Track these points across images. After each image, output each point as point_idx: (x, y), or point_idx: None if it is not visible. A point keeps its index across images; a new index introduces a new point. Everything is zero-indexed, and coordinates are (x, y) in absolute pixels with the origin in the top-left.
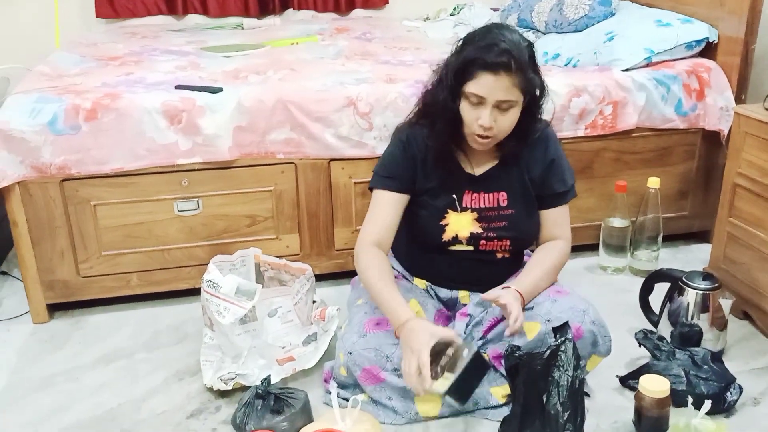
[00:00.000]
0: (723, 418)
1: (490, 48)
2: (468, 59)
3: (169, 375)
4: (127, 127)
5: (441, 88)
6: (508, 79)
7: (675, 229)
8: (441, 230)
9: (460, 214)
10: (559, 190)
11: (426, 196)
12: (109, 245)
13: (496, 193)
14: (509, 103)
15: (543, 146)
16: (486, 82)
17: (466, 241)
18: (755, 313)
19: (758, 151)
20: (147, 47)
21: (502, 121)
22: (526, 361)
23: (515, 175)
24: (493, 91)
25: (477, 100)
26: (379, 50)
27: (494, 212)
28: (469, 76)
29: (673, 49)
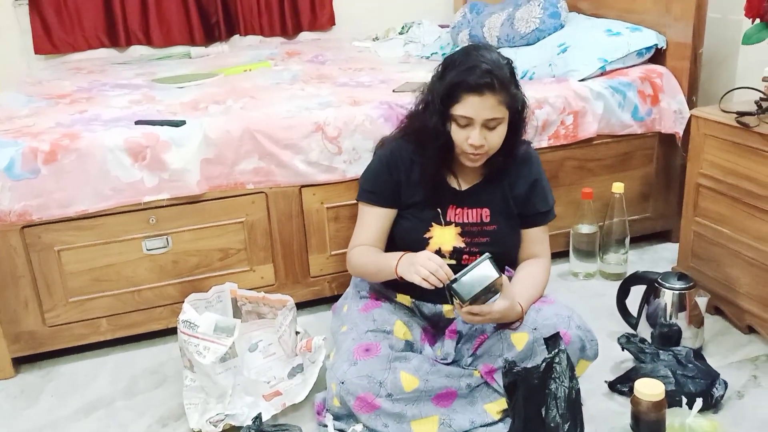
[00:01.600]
0: (712, 414)
1: (472, 70)
2: (452, 83)
3: (153, 421)
4: (89, 167)
5: (429, 113)
6: (493, 98)
7: (639, 231)
8: (425, 243)
9: (444, 228)
10: (541, 209)
11: (411, 210)
12: (76, 291)
13: (480, 209)
14: (497, 121)
15: (528, 166)
16: (472, 103)
17: (450, 255)
18: (727, 308)
19: (718, 151)
20: (95, 82)
21: (491, 138)
22: (524, 376)
23: (499, 192)
24: (480, 112)
25: (465, 121)
26: (335, 72)
27: (477, 227)
28: (455, 99)
29: (625, 57)
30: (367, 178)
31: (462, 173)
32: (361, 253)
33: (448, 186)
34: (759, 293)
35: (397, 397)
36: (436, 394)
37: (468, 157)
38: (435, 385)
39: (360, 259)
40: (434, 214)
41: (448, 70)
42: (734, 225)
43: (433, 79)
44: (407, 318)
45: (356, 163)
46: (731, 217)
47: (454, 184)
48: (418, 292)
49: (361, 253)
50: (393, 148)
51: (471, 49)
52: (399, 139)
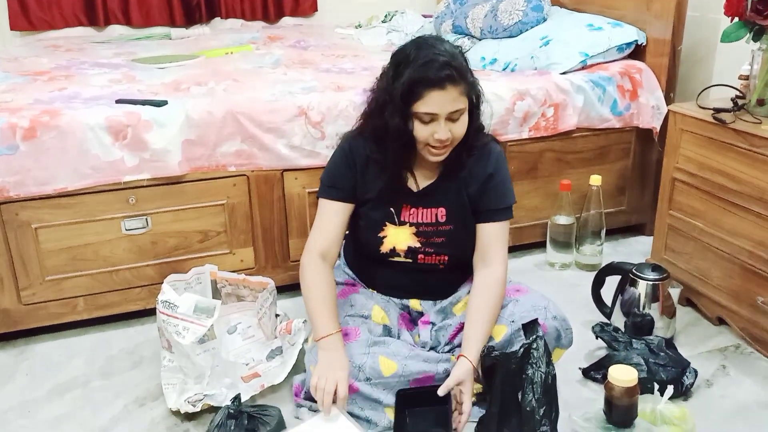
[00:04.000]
0: (682, 402)
1: (429, 65)
2: (412, 81)
3: (130, 401)
4: (69, 145)
5: (389, 113)
6: (455, 90)
7: (614, 224)
8: (379, 242)
9: (398, 228)
10: (494, 206)
11: (365, 208)
12: (53, 269)
13: (435, 208)
14: (459, 112)
15: (484, 161)
16: (434, 99)
17: (404, 254)
18: (698, 300)
19: (694, 146)
20: (74, 60)
21: (456, 129)
22: (503, 360)
23: (454, 191)
24: (444, 105)
25: (429, 117)
26: (317, 58)
27: (432, 228)
28: (416, 96)
29: (606, 51)
30: (327, 172)
31: (421, 171)
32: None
33: (404, 185)
34: (729, 286)
35: (375, 382)
36: (414, 379)
37: (432, 152)
38: (413, 370)
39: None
40: (388, 213)
41: (402, 67)
42: (707, 219)
43: (386, 77)
44: (384, 303)
45: None
46: (705, 211)
47: (410, 183)
48: (383, 289)
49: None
50: (350, 143)
51: (421, 42)
52: (357, 136)
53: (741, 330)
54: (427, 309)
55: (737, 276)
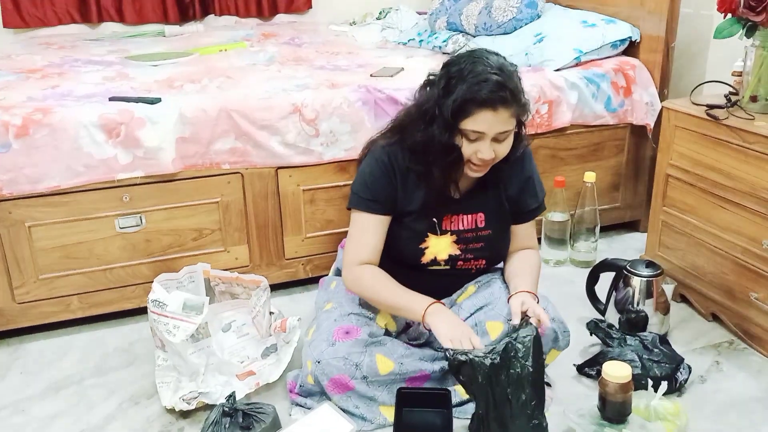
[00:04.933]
0: (676, 398)
1: (484, 84)
2: (464, 99)
3: (124, 399)
4: (62, 142)
5: (438, 126)
6: (506, 112)
7: (608, 220)
8: (420, 253)
9: (439, 238)
10: (533, 206)
11: (408, 219)
12: (47, 268)
13: (475, 214)
14: (507, 133)
15: (521, 164)
16: (485, 118)
17: (444, 262)
18: (692, 296)
19: (688, 143)
20: (67, 58)
21: (499, 149)
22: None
23: (492, 194)
24: (493, 126)
25: (476, 136)
26: (311, 55)
27: (472, 233)
28: (466, 114)
29: (600, 48)
30: (363, 184)
31: (461, 182)
32: (376, 280)
33: (443, 194)
34: (723, 282)
35: (372, 380)
36: (410, 377)
37: (472, 168)
38: (409, 368)
39: (375, 286)
40: (430, 224)
41: (454, 82)
42: (701, 215)
43: (436, 89)
44: None
45: (333, 146)
46: (698, 207)
47: (451, 192)
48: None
49: (377, 281)
50: (389, 153)
51: (477, 56)
52: (393, 145)
53: (734, 326)
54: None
55: (730, 272)
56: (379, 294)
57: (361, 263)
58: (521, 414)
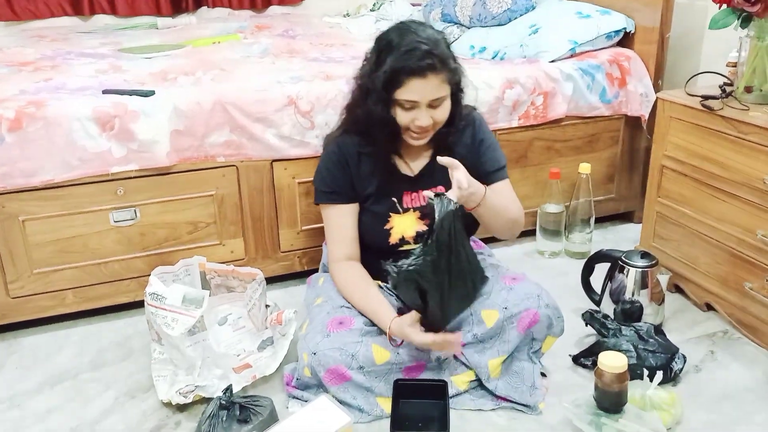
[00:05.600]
0: (671, 387)
1: (411, 53)
2: (393, 69)
3: (121, 393)
4: (55, 136)
5: (372, 101)
6: (436, 78)
7: (603, 212)
8: (387, 234)
9: (402, 216)
10: (493, 167)
11: (367, 203)
12: (41, 262)
13: (434, 189)
14: (441, 99)
15: (471, 130)
16: (416, 87)
17: (414, 240)
18: (687, 286)
19: (683, 134)
20: (59, 51)
21: (437, 115)
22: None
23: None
24: (425, 93)
25: (410, 105)
26: (305, 47)
27: None
28: (398, 84)
29: (595, 39)
30: (321, 179)
31: (410, 154)
32: (348, 280)
33: (399, 173)
34: (717, 272)
35: (368, 370)
36: (406, 366)
37: (412, 136)
38: (405, 358)
39: (346, 286)
40: (390, 204)
41: (385, 54)
42: (696, 206)
43: (368, 65)
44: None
45: None
46: (693, 198)
47: (405, 170)
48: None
49: (348, 281)
50: (339, 143)
51: (405, 28)
52: (343, 134)
53: (729, 316)
54: None
55: (725, 262)
56: (352, 299)
57: (339, 257)
58: (476, 270)
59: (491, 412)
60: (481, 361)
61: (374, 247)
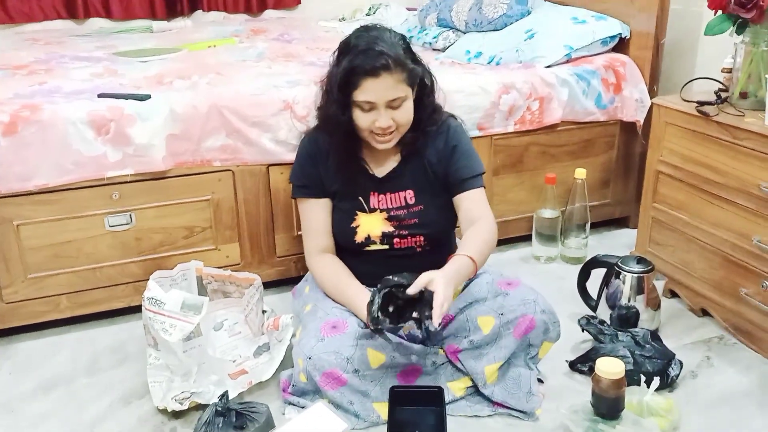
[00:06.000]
0: (668, 393)
1: (365, 53)
2: (347, 70)
3: (115, 399)
4: (51, 140)
5: (330, 102)
6: (391, 78)
7: (598, 217)
8: (353, 232)
9: (369, 215)
10: (467, 175)
11: (335, 200)
12: (35, 267)
13: (402, 192)
14: (399, 99)
15: (444, 136)
16: (371, 87)
17: (380, 240)
18: (682, 292)
19: (678, 139)
20: (53, 54)
21: (398, 116)
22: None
23: (419, 170)
24: (381, 94)
25: (369, 106)
26: (302, 51)
27: (403, 210)
28: (353, 85)
29: (590, 45)
30: (295, 173)
31: (378, 158)
32: (325, 273)
33: (367, 173)
34: (713, 277)
35: (364, 373)
36: (401, 371)
37: (377, 140)
38: (401, 362)
39: (323, 279)
40: (357, 203)
41: (342, 56)
42: (691, 211)
43: (330, 67)
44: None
45: None
46: (689, 203)
47: (372, 170)
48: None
49: (325, 273)
50: (311, 139)
51: (362, 30)
52: (315, 130)
53: (724, 321)
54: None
55: (720, 267)
56: (331, 291)
57: (314, 250)
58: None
59: (488, 419)
60: (477, 368)
61: (342, 244)
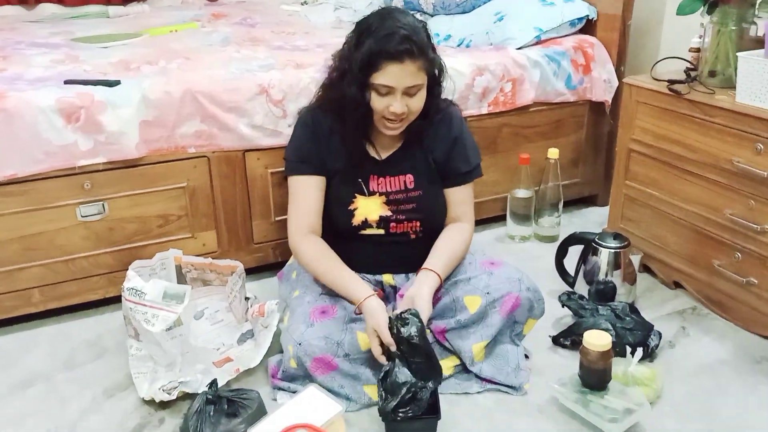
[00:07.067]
0: (649, 363)
1: (390, 37)
2: (371, 52)
3: (98, 393)
4: (18, 129)
5: (348, 82)
6: (413, 65)
7: (568, 196)
8: (350, 215)
9: (368, 198)
10: (463, 170)
11: (334, 181)
12: (5, 260)
13: (402, 176)
14: (417, 87)
15: (446, 125)
16: (393, 71)
17: (376, 224)
18: (655, 266)
19: (650, 118)
20: (8, 41)
21: (412, 104)
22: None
23: (419, 157)
24: (401, 80)
25: (386, 90)
26: (267, 36)
27: (402, 195)
28: (375, 68)
29: (559, 26)
30: (293, 149)
31: (380, 141)
32: (314, 255)
33: (368, 155)
34: (686, 251)
35: (354, 357)
36: None
37: (387, 125)
38: None
39: (311, 261)
40: (356, 185)
41: (364, 37)
42: (663, 187)
43: (348, 47)
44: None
45: None
46: (661, 180)
47: (373, 153)
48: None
49: (314, 255)
50: (313, 116)
51: (386, 13)
52: (316, 108)
53: (697, 293)
54: (401, 283)
55: (693, 241)
56: (319, 272)
57: (302, 229)
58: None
59: (477, 395)
60: (464, 346)
61: (337, 227)
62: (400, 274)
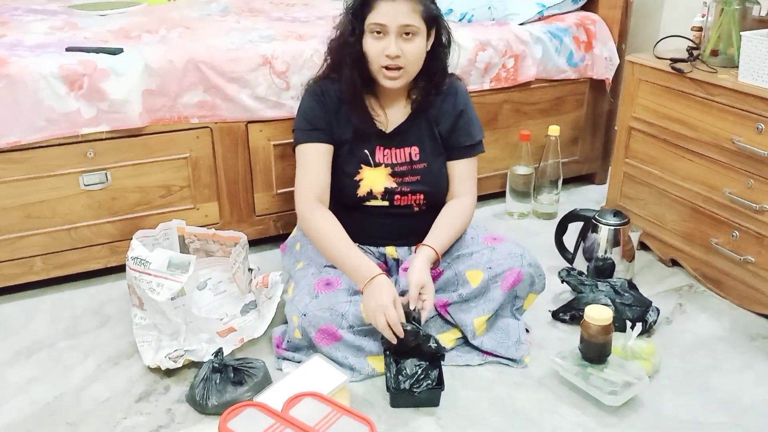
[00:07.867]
0: (647, 338)
1: None
2: None
3: (102, 360)
4: (21, 95)
5: (346, 31)
6: (406, 5)
7: (566, 173)
8: (356, 185)
9: (374, 169)
10: (466, 143)
11: (341, 150)
12: (7, 228)
13: (408, 147)
14: (412, 29)
15: (452, 98)
16: (385, 9)
17: (381, 196)
18: (653, 243)
19: (651, 96)
20: (5, 6)
21: (408, 49)
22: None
23: (425, 129)
24: (394, 17)
25: (379, 29)
26: (266, 7)
27: (407, 166)
28: (368, 9)
29: (562, 3)
30: (302, 118)
31: (388, 110)
32: (324, 228)
33: (375, 127)
34: (684, 229)
35: (358, 329)
36: None
37: (385, 74)
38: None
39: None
40: (363, 156)
41: None
42: (663, 166)
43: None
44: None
45: None
46: (661, 158)
47: (380, 125)
48: (358, 237)
49: (323, 229)
50: (321, 86)
51: None
52: (324, 79)
53: (694, 270)
54: (404, 255)
55: (692, 219)
56: (326, 245)
57: (310, 198)
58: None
59: (479, 367)
60: (466, 320)
61: (342, 198)
62: (403, 246)
